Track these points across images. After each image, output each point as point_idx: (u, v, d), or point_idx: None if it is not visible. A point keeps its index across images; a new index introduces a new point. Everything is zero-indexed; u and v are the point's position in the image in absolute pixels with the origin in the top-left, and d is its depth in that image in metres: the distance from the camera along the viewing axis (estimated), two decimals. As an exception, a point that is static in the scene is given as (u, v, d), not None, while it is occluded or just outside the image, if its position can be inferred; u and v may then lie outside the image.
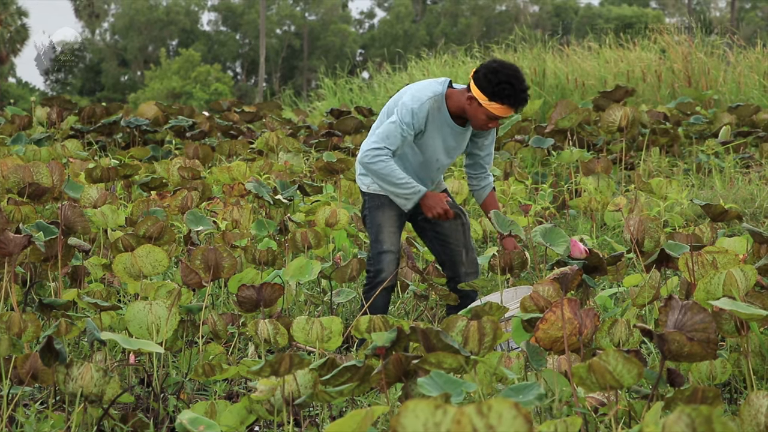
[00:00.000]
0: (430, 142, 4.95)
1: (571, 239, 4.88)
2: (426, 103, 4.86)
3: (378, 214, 5.06)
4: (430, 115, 4.88)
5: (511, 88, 4.75)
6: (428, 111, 4.87)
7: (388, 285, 5.02)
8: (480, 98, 4.77)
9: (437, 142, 4.95)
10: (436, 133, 4.93)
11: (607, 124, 9.64)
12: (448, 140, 4.96)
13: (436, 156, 5.00)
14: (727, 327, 3.42)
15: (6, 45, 46.45)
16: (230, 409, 3.20)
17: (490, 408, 1.66)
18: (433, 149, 4.97)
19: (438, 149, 4.97)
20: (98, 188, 6.60)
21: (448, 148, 4.99)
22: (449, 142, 4.97)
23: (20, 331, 3.71)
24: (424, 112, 4.86)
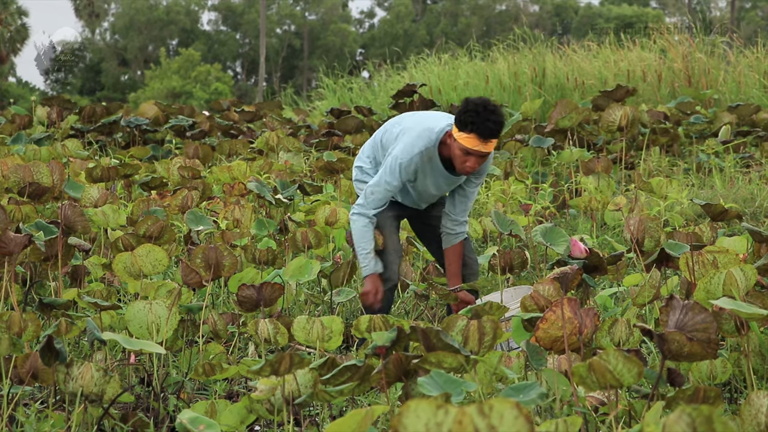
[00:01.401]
0: (421, 187, 4.96)
1: (571, 239, 4.88)
2: (416, 157, 4.81)
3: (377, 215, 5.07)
4: (419, 168, 4.85)
5: (476, 116, 4.58)
6: (417, 165, 4.83)
7: (391, 285, 5.02)
8: (454, 132, 4.68)
9: (428, 186, 4.94)
10: (428, 180, 4.92)
11: (607, 124, 9.64)
12: (441, 184, 4.94)
13: (430, 192, 5.00)
14: (728, 327, 3.42)
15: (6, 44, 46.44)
16: (230, 408, 3.20)
17: (491, 408, 1.66)
18: (424, 189, 4.97)
19: (430, 189, 4.97)
20: (98, 188, 6.60)
21: (441, 187, 4.97)
22: (441, 185, 4.95)
23: (20, 331, 3.71)
24: (413, 167, 4.83)
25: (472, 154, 4.65)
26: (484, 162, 4.82)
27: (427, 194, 5.01)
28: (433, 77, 15.89)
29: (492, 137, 4.61)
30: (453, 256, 5.06)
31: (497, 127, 4.59)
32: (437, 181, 4.90)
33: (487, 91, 14.91)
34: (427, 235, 5.23)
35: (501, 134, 4.71)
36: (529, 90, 14.33)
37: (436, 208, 5.18)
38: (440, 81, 15.69)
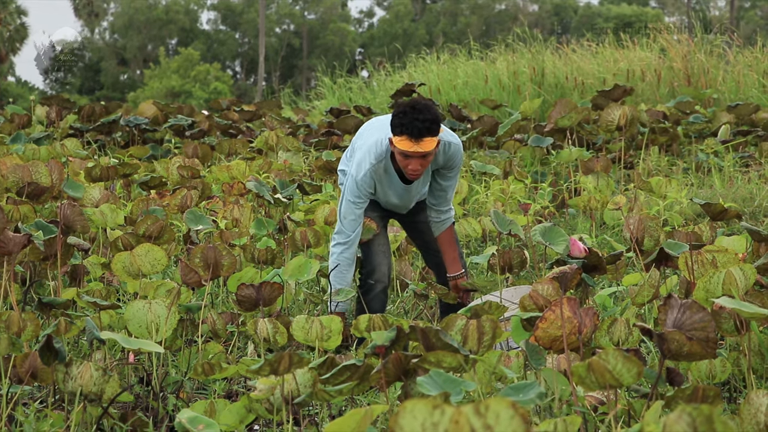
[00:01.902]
0: (386, 198, 4.93)
1: (570, 238, 4.88)
2: (369, 172, 4.77)
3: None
4: (376, 180, 4.81)
5: (404, 116, 4.50)
6: (372, 177, 4.79)
7: (382, 287, 5.01)
8: (392, 137, 4.61)
9: (392, 198, 4.92)
10: (388, 191, 4.88)
11: (607, 123, 9.64)
12: (402, 194, 4.90)
13: (399, 201, 4.97)
14: (727, 326, 3.42)
15: (5, 44, 46.43)
16: (229, 408, 3.20)
17: (487, 408, 1.66)
18: (393, 198, 4.94)
19: (392, 200, 4.94)
20: (98, 187, 6.60)
21: (408, 194, 4.92)
22: (404, 195, 4.91)
23: (19, 330, 3.70)
24: (368, 181, 4.78)
25: (410, 156, 4.57)
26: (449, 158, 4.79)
27: (396, 205, 4.99)
28: (433, 77, 15.89)
29: (422, 136, 4.51)
30: (446, 243, 5.03)
31: (426, 125, 4.49)
32: (398, 191, 4.87)
33: (486, 90, 14.91)
34: (417, 241, 5.25)
35: (437, 131, 4.53)
36: (528, 89, 14.33)
37: (422, 213, 5.15)
38: (439, 80, 15.69)
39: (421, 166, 4.61)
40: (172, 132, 12.34)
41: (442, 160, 4.80)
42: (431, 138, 4.54)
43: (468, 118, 12.16)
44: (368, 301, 4.99)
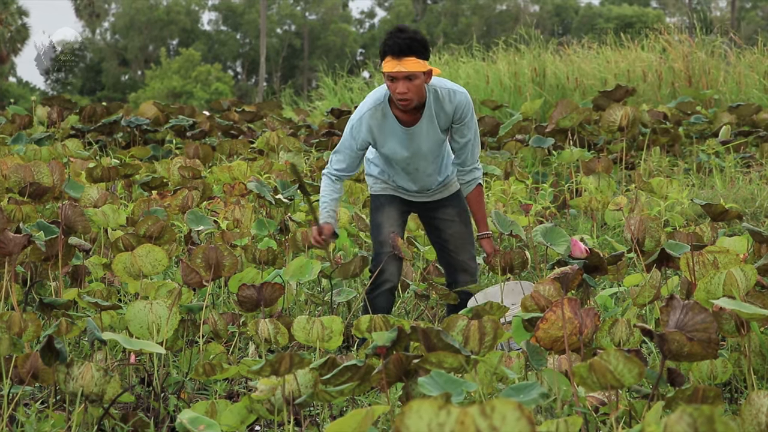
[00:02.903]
0: (390, 151, 4.86)
1: (571, 239, 4.88)
2: (365, 115, 4.77)
3: (378, 215, 5.04)
4: (373, 127, 4.79)
5: (388, 37, 4.55)
6: (369, 123, 4.77)
7: (390, 286, 5.00)
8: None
9: (397, 148, 4.84)
10: (390, 140, 4.83)
11: (608, 124, 9.64)
12: (408, 144, 4.82)
13: (406, 161, 4.89)
14: (728, 327, 3.42)
15: (6, 44, 46.44)
16: (231, 408, 3.20)
17: (493, 409, 1.66)
18: (399, 155, 4.87)
19: (403, 154, 4.86)
20: (99, 188, 6.60)
21: (414, 150, 4.84)
22: (410, 146, 4.83)
23: (21, 331, 3.71)
24: (365, 126, 4.78)
25: (394, 78, 4.57)
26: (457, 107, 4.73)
27: (406, 166, 4.90)
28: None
29: (404, 54, 4.51)
30: (474, 204, 5.01)
31: (407, 42, 4.50)
32: (401, 139, 4.79)
33: (487, 91, 14.91)
34: (432, 237, 5.18)
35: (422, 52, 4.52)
36: (529, 90, 14.33)
37: (441, 210, 5.13)
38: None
39: (408, 90, 4.58)
40: (173, 132, 12.34)
41: (449, 109, 4.76)
42: (415, 58, 4.54)
43: (469, 119, 12.14)
44: (374, 299, 4.96)
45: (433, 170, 4.97)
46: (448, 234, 5.08)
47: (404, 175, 4.98)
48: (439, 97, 4.74)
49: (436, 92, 4.74)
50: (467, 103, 4.79)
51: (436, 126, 4.80)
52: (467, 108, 4.79)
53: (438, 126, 4.80)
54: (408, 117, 4.78)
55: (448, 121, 4.81)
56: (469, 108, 4.80)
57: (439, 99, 4.74)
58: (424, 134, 4.81)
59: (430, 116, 4.76)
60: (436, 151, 4.90)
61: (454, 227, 5.07)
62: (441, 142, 4.88)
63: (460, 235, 5.07)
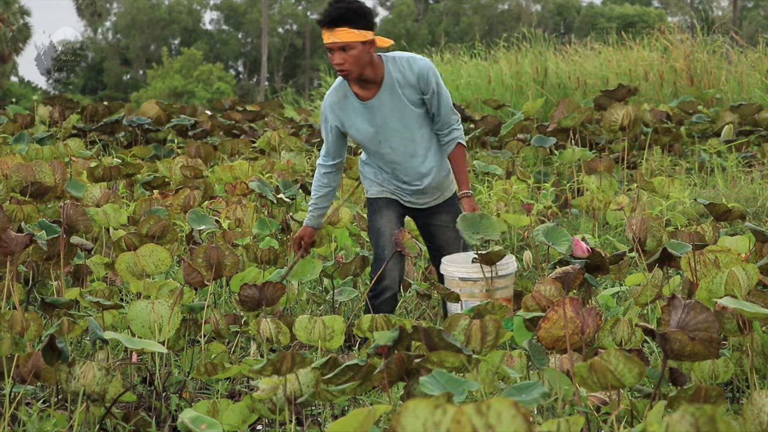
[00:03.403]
0: (356, 131, 4.79)
1: (573, 238, 4.88)
2: (328, 98, 4.78)
3: (377, 219, 4.98)
4: (336, 108, 4.76)
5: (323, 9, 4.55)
6: (332, 107, 4.77)
7: (392, 293, 4.92)
8: None
9: (361, 125, 4.77)
10: (353, 118, 4.77)
11: (609, 123, 9.63)
12: (370, 119, 4.74)
13: (377, 140, 4.80)
14: (730, 326, 3.42)
15: (8, 44, 46.46)
16: (232, 407, 3.20)
17: (489, 407, 1.66)
18: (365, 134, 4.79)
19: (368, 130, 4.78)
20: (100, 187, 6.60)
21: (379, 125, 4.75)
22: (373, 121, 4.74)
23: (23, 330, 3.71)
24: (329, 108, 4.78)
25: (331, 49, 4.54)
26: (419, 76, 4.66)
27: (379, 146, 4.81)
28: (435, 76, 15.87)
29: (336, 24, 4.48)
30: (455, 163, 4.89)
31: (339, 11, 4.47)
32: (363, 116, 4.73)
33: (489, 90, 14.91)
34: (427, 241, 5.12)
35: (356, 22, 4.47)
36: (531, 89, 14.33)
37: (438, 216, 5.03)
38: (442, 80, 15.69)
39: (344, 61, 4.54)
40: (174, 132, 12.34)
41: (412, 79, 4.68)
42: (348, 28, 4.49)
43: (471, 118, 12.16)
44: (376, 305, 4.91)
45: (416, 151, 4.84)
46: (442, 240, 5.03)
47: (387, 162, 4.89)
48: (399, 67, 4.67)
49: (394, 61, 4.68)
50: (428, 68, 4.69)
51: (401, 97, 4.72)
52: (431, 74, 4.70)
53: (404, 98, 4.72)
54: (368, 92, 4.72)
55: (415, 92, 4.72)
56: (432, 73, 4.70)
57: (399, 69, 4.67)
58: (388, 107, 4.73)
59: (391, 87, 4.69)
60: (410, 127, 4.78)
61: (447, 233, 5.01)
62: (415, 118, 4.78)
63: (454, 242, 5.01)
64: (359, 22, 4.50)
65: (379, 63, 4.66)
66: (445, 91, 4.78)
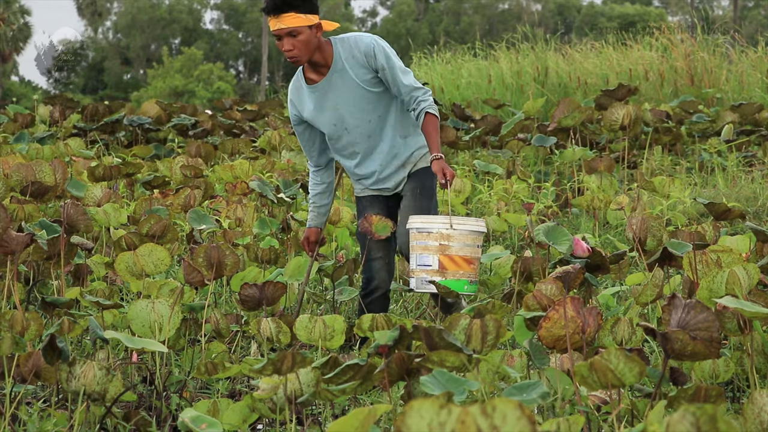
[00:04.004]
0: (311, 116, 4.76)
1: (573, 238, 4.88)
2: (289, 91, 4.80)
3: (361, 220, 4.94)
4: (294, 99, 4.76)
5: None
6: (290, 97, 4.78)
7: (381, 292, 4.88)
8: None
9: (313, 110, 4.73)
10: (307, 104, 4.75)
11: (610, 123, 9.63)
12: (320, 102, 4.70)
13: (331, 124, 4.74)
14: (730, 325, 3.42)
15: (9, 43, 46.47)
16: (233, 407, 3.20)
17: (494, 408, 1.65)
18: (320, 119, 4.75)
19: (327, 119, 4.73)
20: (101, 187, 6.60)
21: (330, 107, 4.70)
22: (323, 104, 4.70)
23: (23, 330, 3.71)
24: (288, 102, 4.80)
25: (278, 36, 4.51)
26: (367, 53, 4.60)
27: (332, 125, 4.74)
28: (436, 76, 15.88)
29: (280, 11, 4.44)
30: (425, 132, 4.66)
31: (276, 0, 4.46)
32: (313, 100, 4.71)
33: (489, 89, 14.91)
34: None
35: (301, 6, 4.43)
36: (531, 89, 14.32)
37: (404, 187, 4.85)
38: (443, 80, 15.69)
39: (294, 47, 4.50)
40: (175, 131, 12.34)
41: (360, 57, 4.63)
42: (294, 13, 4.45)
43: (471, 118, 12.16)
44: (367, 305, 4.90)
45: (373, 131, 4.76)
46: (401, 207, 4.85)
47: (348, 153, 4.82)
48: (346, 47, 4.63)
49: (342, 42, 4.65)
50: (374, 44, 4.63)
51: (352, 78, 4.66)
52: (377, 50, 4.63)
53: (354, 78, 4.66)
54: (320, 77, 4.69)
55: (368, 71, 4.66)
56: (379, 50, 4.62)
57: (348, 49, 4.63)
58: (339, 89, 4.68)
59: (341, 68, 4.64)
60: (364, 107, 4.71)
61: (404, 201, 4.83)
62: (369, 98, 4.71)
63: (406, 208, 4.80)
64: (305, 6, 4.47)
65: (327, 46, 4.62)
66: (397, 65, 4.65)
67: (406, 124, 4.81)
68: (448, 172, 4.60)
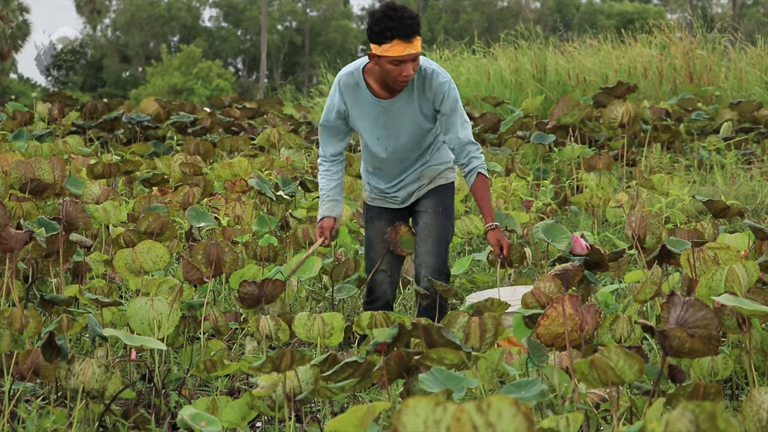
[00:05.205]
0: (360, 124, 4.63)
1: (572, 235, 4.88)
2: (339, 81, 4.59)
3: (369, 228, 4.89)
4: (346, 94, 4.59)
5: (388, 20, 4.27)
6: (341, 89, 4.58)
7: (382, 303, 4.84)
8: (375, 50, 4.36)
9: (366, 122, 4.61)
10: (361, 111, 4.60)
11: (609, 121, 9.63)
12: (379, 117, 4.59)
13: (376, 136, 4.64)
14: (729, 323, 3.42)
15: (7, 41, 46.44)
16: (231, 404, 3.20)
17: (489, 405, 1.65)
18: (370, 131, 4.63)
19: (374, 131, 4.63)
20: (100, 184, 6.60)
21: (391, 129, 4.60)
22: (386, 123, 4.59)
23: (22, 327, 3.71)
24: (338, 92, 4.59)
25: (403, 60, 4.35)
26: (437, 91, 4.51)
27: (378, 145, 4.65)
28: (435, 74, 15.85)
29: (414, 35, 4.32)
30: (476, 195, 4.66)
31: (414, 21, 4.33)
32: (371, 112, 4.58)
33: (488, 87, 14.91)
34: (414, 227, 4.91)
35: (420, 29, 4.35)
36: (530, 86, 14.32)
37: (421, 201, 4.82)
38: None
39: (413, 70, 4.39)
40: (174, 129, 12.34)
41: (429, 92, 4.55)
42: (419, 37, 4.37)
43: (470, 115, 12.16)
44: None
45: (408, 159, 4.73)
46: (420, 225, 4.80)
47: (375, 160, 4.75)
48: (421, 76, 4.53)
49: (419, 71, 4.53)
50: (447, 86, 4.55)
51: (416, 107, 4.59)
52: (448, 92, 4.55)
53: (418, 108, 4.59)
54: (383, 92, 4.58)
55: (429, 106, 4.59)
56: (450, 92, 4.55)
57: (422, 79, 4.53)
58: (401, 112, 4.59)
59: (410, 93, 4.56)
60: (414, 137, 4.66)
61: (424, 218, 4.78)
62: (423, 131, 4.66)
63: (428, 226, 4.77)
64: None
65: None
66: (459, 114, 4.59)
67: (437, 155, 4.79)
68: (505, 243, 4.65)
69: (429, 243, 4.74)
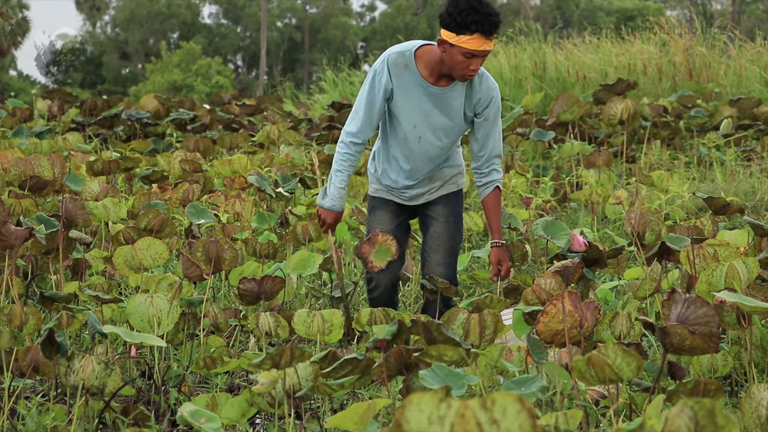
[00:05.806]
0: (402, 106, 4.49)
1: (572, 232, 4.88)
2: (390, 57, 4.45)
3: (372, 218, 4.81)
4: (394, 73, 4.44)
5: (474, 12, 4.17)
6: (390, 67, 4.44)
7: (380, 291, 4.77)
8: (449, 38, 4.23)
9: (409, 105, 4.48)
10: (406, 93, 4.46)
11: (609, 117, 9.63)
12: (423, 103, 4.47)
13: (413, 123, 4.50)
14: (729, 319, 3.42)
15: (7, 38, 46.42)
16: (231, 401, 3.20)
17: (494, 402, 1.65)
18: (409, 116, 4.50)
19: (413, 116, 4.49)
20: (99, 181, 6.60)
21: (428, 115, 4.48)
22: (425, 106, 4.47)
23: (21, 324, 3.71)
24: (386, 68, 4.44)
25: (476, 55, 4.26)
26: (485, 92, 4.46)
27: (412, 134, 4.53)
28: (434, 70, 15.84)
29: (494, 32, 4.26)
30: (488, 209, 4.65)
31: (498, 18, 4.27)
32: (417, 96, 4.46)
33: (488, 84, 14.88)
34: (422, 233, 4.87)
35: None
36: (530, 83, 14.31)
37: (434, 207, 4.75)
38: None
39: (479, 66, 4.31)
40: (173, 126, 12.33)
41: (477, 96, 4.49)
42: (496, 35, 4.32)
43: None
44: (372, 300, 4.83)
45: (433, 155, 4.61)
46: (430, 231, 4.75)
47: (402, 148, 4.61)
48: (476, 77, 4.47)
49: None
50: (495, 93, 4.52)
51: (462, 103, 4.51)
52: (494, 99, 4.51)
53: (464, 105, 4.51)
54: (434, 79, 4.47)
55: (472, 108, 4.52)
56: (495, 101, 4.52)
57: (476, 80, 4.47)
58: (446, 104, 4.50)
59: (461, 91, 4.48)
60: (448, 133, 4.57)
61: (436, 226, 4.72)
62: (458, 130, 4.57)
63: (439, 236, 4.71)
64: None
65: None
66: (498, 125, 4.58)
67: (452, 159, 4.74)
68: (505, 265, 4.61)
69: (439, 254, 4.71)
